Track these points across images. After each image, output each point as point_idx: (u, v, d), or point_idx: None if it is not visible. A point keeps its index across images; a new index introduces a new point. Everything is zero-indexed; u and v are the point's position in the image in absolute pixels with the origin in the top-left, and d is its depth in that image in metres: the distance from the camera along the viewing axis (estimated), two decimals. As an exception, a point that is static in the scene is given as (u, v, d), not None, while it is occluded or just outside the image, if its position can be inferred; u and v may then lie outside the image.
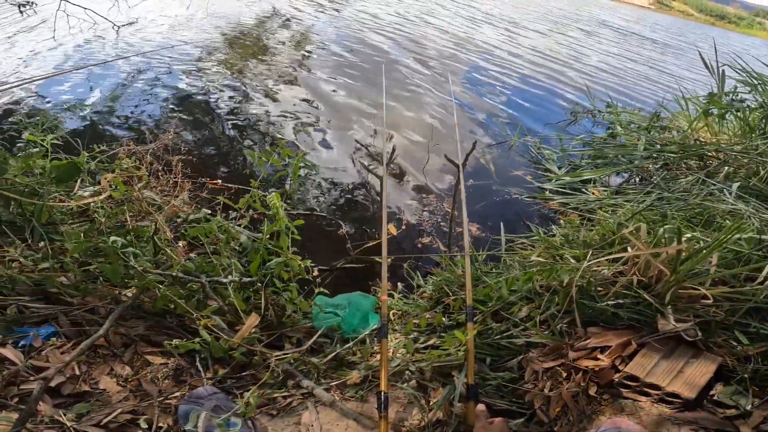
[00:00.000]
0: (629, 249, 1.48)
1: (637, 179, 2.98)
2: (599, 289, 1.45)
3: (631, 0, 33.14)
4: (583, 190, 2.81)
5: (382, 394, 1.06)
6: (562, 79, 6.31)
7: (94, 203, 1.60)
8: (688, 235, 1.43)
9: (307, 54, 5.87)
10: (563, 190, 2.88)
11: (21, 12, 3.69)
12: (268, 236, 1.44)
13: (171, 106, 3.62)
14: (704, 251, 1.34)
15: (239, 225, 1.75)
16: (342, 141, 3.44)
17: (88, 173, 1.79)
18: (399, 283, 2.06)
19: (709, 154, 2.70)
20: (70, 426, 0.93)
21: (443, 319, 1.57)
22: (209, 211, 1.66)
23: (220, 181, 2.56)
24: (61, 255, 1.38)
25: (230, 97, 3.99)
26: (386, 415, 1.03)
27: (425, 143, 3.54)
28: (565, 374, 1.23)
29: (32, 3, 4.08)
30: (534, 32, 10.11)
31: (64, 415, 0.94)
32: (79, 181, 1.71)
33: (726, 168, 2.47)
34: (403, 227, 2.58)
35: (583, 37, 10.49)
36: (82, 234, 1.38)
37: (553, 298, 1.45)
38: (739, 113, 2.81)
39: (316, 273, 2.01)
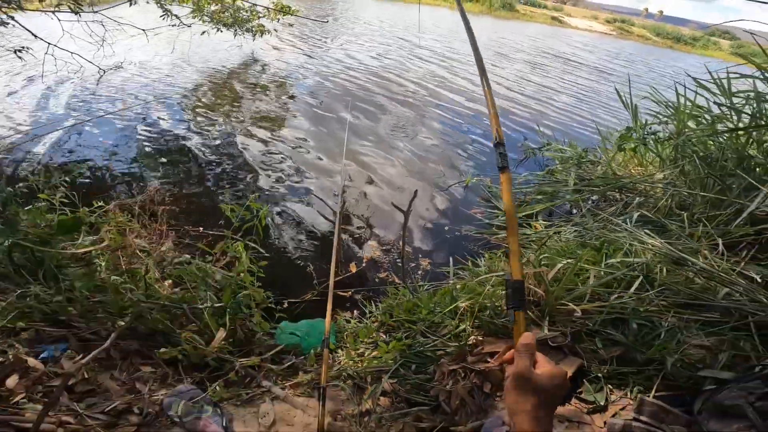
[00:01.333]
0: (528, 279, 1.94)
1: (573, 210, 3.50)
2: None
3: (592, 27, 35.44)
4: (526, 224, 3.30)
5: (321, 387, 1.47)
6: (515, 117, 6.97)
7: (95, 250, 2.02)
8: (563, 262, 1.89)
9: (281, 100, 6.51)
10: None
11: (20, 57, 4.18)
12: (238, 274, 1.88)
13: (155, 156, 4.13)
14: (568, 273, 1.80)
15: (215, 266, 2.18)
16: (309, 188, 3.93)
17: (89, 225, 2.23)
18: (355, 311, 2.49)
19: (627, 186, 3.23)
20: (82, 413, 1.32)
21: (382, 336, 1.99)
22: (189, 256, 2.10)
23: (201, 228, 3.00)
24: (68, 291, 1.79)
25: (209, 145, 4.53)
26: (324, 404, 1.43)
27: (384, 190, 4.05)
28: (463, 374, 1.65)
29: (28, 48, 4.59)
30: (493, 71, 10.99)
31: (78, 404, 1.34)
32: (82, 231, 2.14)
33: (637, 199, 3.00)
34: (363, 264, 3.02)
35: (531, 71, 11.31)
36: (86, 275, 1.81)
37: (465, 315, 1.89)
38: (651, 145, 3.37)
39: (285, 304, 2.47)
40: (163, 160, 4.10)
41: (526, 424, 0.65)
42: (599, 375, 1.64)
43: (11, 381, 1.33)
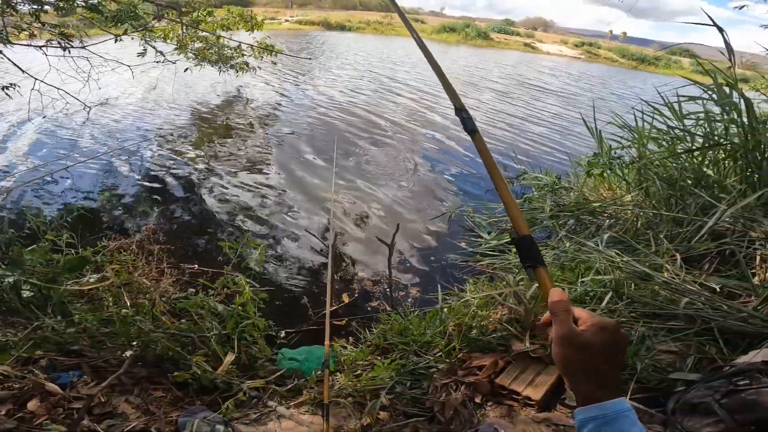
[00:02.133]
0: (509, 297, 2.16)
1: (551, 235, 3.76)
2: (490, 326, 2.10)
3: (562, 52, 37.32)
4: (507, 250, 3.54)
5: (325, 404, 1.63)
6: (492, 147, 7.32)
7: (102, 286, 2.18)
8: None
9: (267, 136, 6.79)
10: (492, 253, 3.60)
11: (7, 94, 4.37)
12: (239, 305, 2.06)
13: (147, 196, 4.31)
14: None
15: (217, 300, 2.35)
16: (299, 223, 4.13)
17: (93, 264, 2.39)
18: (350, 338, 2.65)
19: (598, 210, 3.52)
20: (103, 435, 1.45)
21: (380, 358, 2.16)
22: (194, 290, 2.28)
23: (196, 265, 3.15)
24: (78, 324, 1.93)
25: (199, 184, 4.73)
26: (328, 420, 1.59)
27: (371, 224, 4.28)
28: (455, 387, 1.83)
29: (15, 85, 4.77)
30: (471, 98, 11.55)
31: (98, 425, 1.47)
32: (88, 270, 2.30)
33: (608, 221, 3.28)
34: (355, 295, 3.20)
35: (506, 100, 11.83)
36: (94, 308, 1.96)
37: (453, 335, 2.08)
38: (617, 170, 3.68)
39: (283, 334, 2.64)
40: (156, 199, 4.27)
41: (583, 383, 0.61)
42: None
43: (32, 404, 1.46)
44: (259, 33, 7.73)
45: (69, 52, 4.71)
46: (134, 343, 1.87)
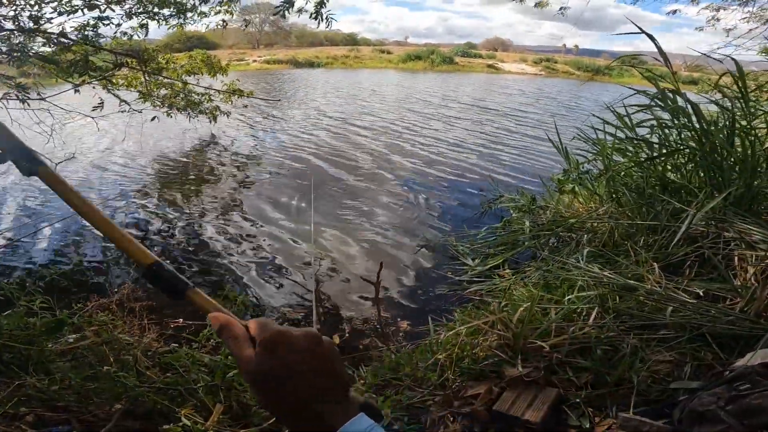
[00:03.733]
0: (497, 324, 2.24)
1: (536, 254, 3.87)
2: (481, 353, 2.16)
3: (524, 70, 39.16)
4: (493, 275, 3.63)
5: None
6: (471, 173, 7.59)
7: (81, 346, 2.17)
8: (524, 306, 2.20)
9: (243, 182, 6.86)
10: (478, 279, 3.69)
11: None
12: (226, 356, 2.09)
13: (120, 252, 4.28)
14: (528, 314, 2.11)
15: (202, 352, 2.36)
16: (281, 267, 4.17)
17: (72, 324, 2.38)
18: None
19: (575, 225, 3.66)
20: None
21: (373, 395, 2.18)
22: (178, 345, 2.28)
23: (181, 319, 3.14)
24: (61, 381, 1.93)
25: (175, 237, 4.75)
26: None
27: (355, 263, 4.34)
28: (452, 419, 1.86)
29: None
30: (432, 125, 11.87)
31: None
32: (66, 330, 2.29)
33: (585, 235, 3.41)
34: (346, 335, 3.23)
35: (474, 127, 12.14)
36: (76, 367, 1.96)
37: (445, 366, 2.13)
38: (587, 184, 3.86)
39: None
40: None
41: (298, 422, 0.47)
42: (578, 400, 1.89)
43: None
44: (226, 76, 7.91)
45: (28, 104, 4.75)
46: (122, 398, 1.87)
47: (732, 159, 2.97)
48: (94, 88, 5.74)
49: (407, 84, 24.25)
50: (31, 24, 4.45)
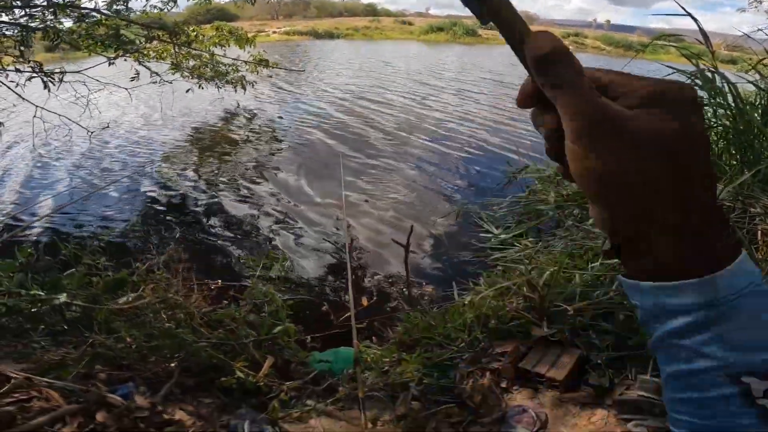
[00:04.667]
0: (524, 286, 2.29)
1: (559, 224, 3.87)
2: (508, 315, 2.22)
3: None
4: (516, 243, 3.66)
5: (360, 399, 1.76)
6: (496, 141, 7.50)
7: (141, 304, 2.32)
8: (550, 270, 2.24)
9: (272, 149, 6.94)
10: (501, 247, 3.73)
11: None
12: (269, 313, 2.20)
13: (161, 217, 4.45)
14: (555, 277, 2.15)
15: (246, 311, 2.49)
16: (313, 232, 4.27)
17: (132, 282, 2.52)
18: (373, 337, 2.78)
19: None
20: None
21: (405, 354, 2.29)
22: (226, 302, 2.42)
23: (220, 281, 3.28)
24: (124, 340, 2.07)
25: (212, 201, 4.87)
26: (364, 412, 1.72)
27: (384, 228, 4.41)
28: (480, 374, 1.95)
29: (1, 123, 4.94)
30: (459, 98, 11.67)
31: None
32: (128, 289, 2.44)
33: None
34: (374, 298, 3.33)
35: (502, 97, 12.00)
36: (139, 324, 2.10)
37: (473, 326, 2.21)
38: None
39: (309, 339, 2.77)
40: (174, 219, 4.42)
41: (653, 224, 0.28)
42: (599, 362, 1.95)
43: (100, 416, 1.59)
44: (254, 48, 7.86)
45: (63, 77, 4.84)
46: (178, 354, 2.00)
47: (765, 138, 2.89)
48: (126, 60, 5.80)
49: (430, 56, 23.61)
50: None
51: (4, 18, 4.39)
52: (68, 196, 5.00)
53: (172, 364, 2.01)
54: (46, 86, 4.71)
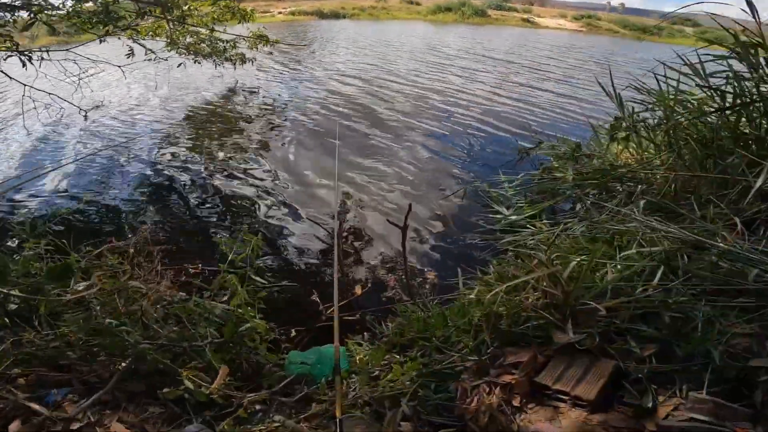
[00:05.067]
0: (543, 280, 1.87)
1: (575, 206, 3.45)
2: (523, 312, 1.81)
3: (562, 25, 36.18)
4: (529, 226, 3.24)
5: (337, 420, 1.38)
6: (507, 119, 7.01)
7: (89, 294, 1.94)
8: (577, 260, 1.82)
9: (267, 127, 6.53)
10: (512, 229, 3.30)
11: None
12: (236, 307, 1.81)
13: (144, 196, 4.08)
14: (584, 270, 1.73)
15: (215, 301, 2.11)
16: (303, 212, 3.87)
17: (81, 270, 2.15)
18: (365, 333, 2.40)
19: (627, 175, 3.19)
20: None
21: (398, 357, 1.90)
22: (184, 294, 2.04)
23: (200, 265, 2.92)
24: (65, 336, 1.72)
25: (198, 180, 4.50)
26: (341, 436, 1.34)
27: (380, 208, 3.99)
28: (488, 389, 1.55)
29: None
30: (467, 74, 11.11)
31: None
32: (73, 277, 2.07)
33: (639, 186, 2.95)
34: (369, 285, 2.94)
35: (513, 74, 11.38)
36: (81, 319, 1.73)
37: (480, 327, 1.80)
38: (642, 132, 3.35)
39: (293, 333, 2.39)
40: (154, 197, 4.05)
41: None
42: (639, 376, 1.54)
43: (14, 426, 1.27)
44: (252, 24, 7.47)
45: (48, 55, 4.51)
46: (127, 354, 1.64)
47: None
48: (119, 38, 5.48)
49: (437, 35, 22.77)
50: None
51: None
52: (38, 170, 4.64)
53: (119, 366, 1.65)
54: (24, 65, 4.35)
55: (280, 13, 32.05)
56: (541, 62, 14.13)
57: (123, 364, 1.64)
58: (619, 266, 1.88)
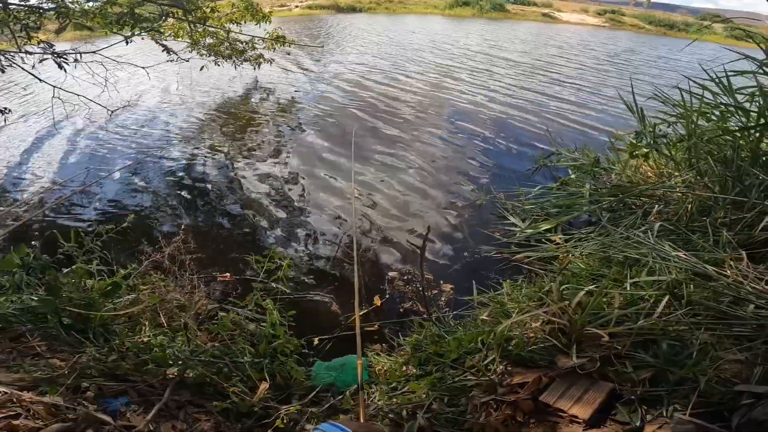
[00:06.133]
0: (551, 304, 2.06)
1: (591, 219, 3.58)
2: (531, 336, 2.01)
3: (584, 21, 35.29)
4: (544, 240, 3.39)
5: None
6: (524, 125, 7.07)
7: (136, 310, 2.23)
8: (585, 289, 2.00)
9: (287, 130, 6.78)
10: (528, 243, 3.47)
11: (4, 117, 4.59)
12: (271, 325, 2.08)
13: (173, 200, 4.40)
14: (591, 302, 1.91)
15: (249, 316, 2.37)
16: (323, 222, 4.10)
17: (127, 286, 2.44)
18: (383, 344, 2.63)
19: (645, 193, 3.30)
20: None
21: (415, 370, 2.13)
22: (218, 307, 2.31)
23: (228, 274, 3.19)
24: (118, 349, 1.99)
25: (222, 186, 4.79)
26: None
27: (398, 219, 4.18)
28: (495, 406, 1.76)
29: (9, 110, 4.99)
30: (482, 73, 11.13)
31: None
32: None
33: (656, 206, 3.06)
34: (387, 296, 3.16)
35: (533, 74, 11.33)
36: (132, 333, 2.01)
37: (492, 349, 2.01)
38: (663, 150, 3.44)
39: (316, 341, 2.65)
40: (185, 204, 4.36)
41: None
42: (632, 397, 1.72)
43: None
44: (269, 24, 7.71)
45: (81, 57, 4.83)
46: (174, 366, 1.90)
47: None
48: (143, 39, 5.79)
49: (454, 30, 22.64)
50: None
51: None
52: (72, 182, 4.99)
53: (169, 375, 1.92)
54: (61, 67, 4.67)
55: (297, 6, 32.27)
56: (561, 63, 13.99)
57: (173, 374, 1.90)
58: (627, 292, 2.05)
